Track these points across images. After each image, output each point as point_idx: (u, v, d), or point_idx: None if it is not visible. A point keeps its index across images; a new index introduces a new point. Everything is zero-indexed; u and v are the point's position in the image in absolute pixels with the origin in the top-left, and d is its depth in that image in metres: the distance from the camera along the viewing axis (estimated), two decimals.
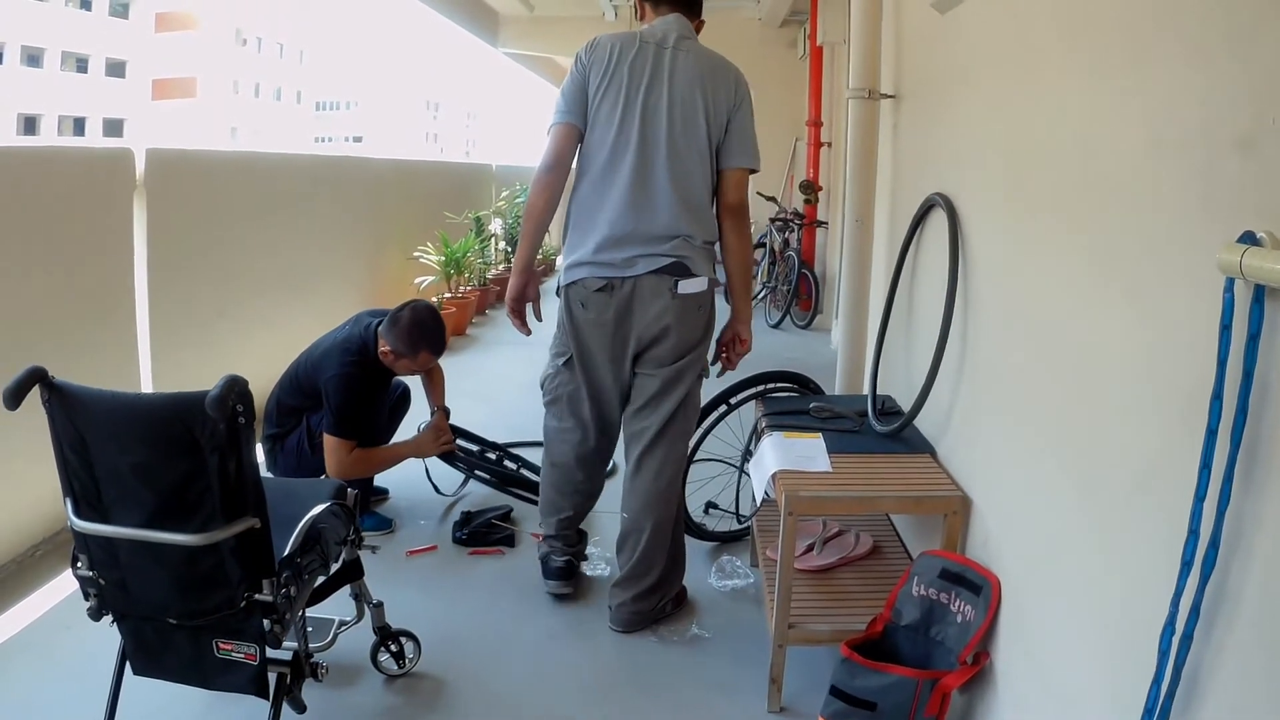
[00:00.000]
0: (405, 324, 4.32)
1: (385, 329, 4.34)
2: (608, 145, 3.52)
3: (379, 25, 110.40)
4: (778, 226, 11.49)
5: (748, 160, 3.64)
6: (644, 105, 3.51)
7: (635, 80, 3.51)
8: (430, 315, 4.43)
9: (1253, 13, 1.59)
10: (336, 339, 4.43)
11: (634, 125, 3.50)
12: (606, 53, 3.55)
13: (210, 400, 2.20)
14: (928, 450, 3.49)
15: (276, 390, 4.56)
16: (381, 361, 4.37)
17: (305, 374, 4.43)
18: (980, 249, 3.17)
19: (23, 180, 4.19)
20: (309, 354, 4.52)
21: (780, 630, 3.10)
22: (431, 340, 4.41)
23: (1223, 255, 1.50)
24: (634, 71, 3.52)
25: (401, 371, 4.52)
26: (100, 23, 55.92)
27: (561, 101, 3.58)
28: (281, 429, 4.50)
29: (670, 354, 3.59)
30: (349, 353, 4.31)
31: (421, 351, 4.37)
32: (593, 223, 3.57)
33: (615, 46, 3.55)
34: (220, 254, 5.95)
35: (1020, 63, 2.85)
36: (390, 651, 3.29)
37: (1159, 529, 1.80)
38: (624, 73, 3.52)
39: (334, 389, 4.22)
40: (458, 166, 14.36)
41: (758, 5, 12.66)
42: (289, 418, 4.48)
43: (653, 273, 3.49)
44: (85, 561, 2.53)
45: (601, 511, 4.19)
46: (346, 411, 4.24)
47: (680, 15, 3.65)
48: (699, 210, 3.57)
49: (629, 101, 3.51)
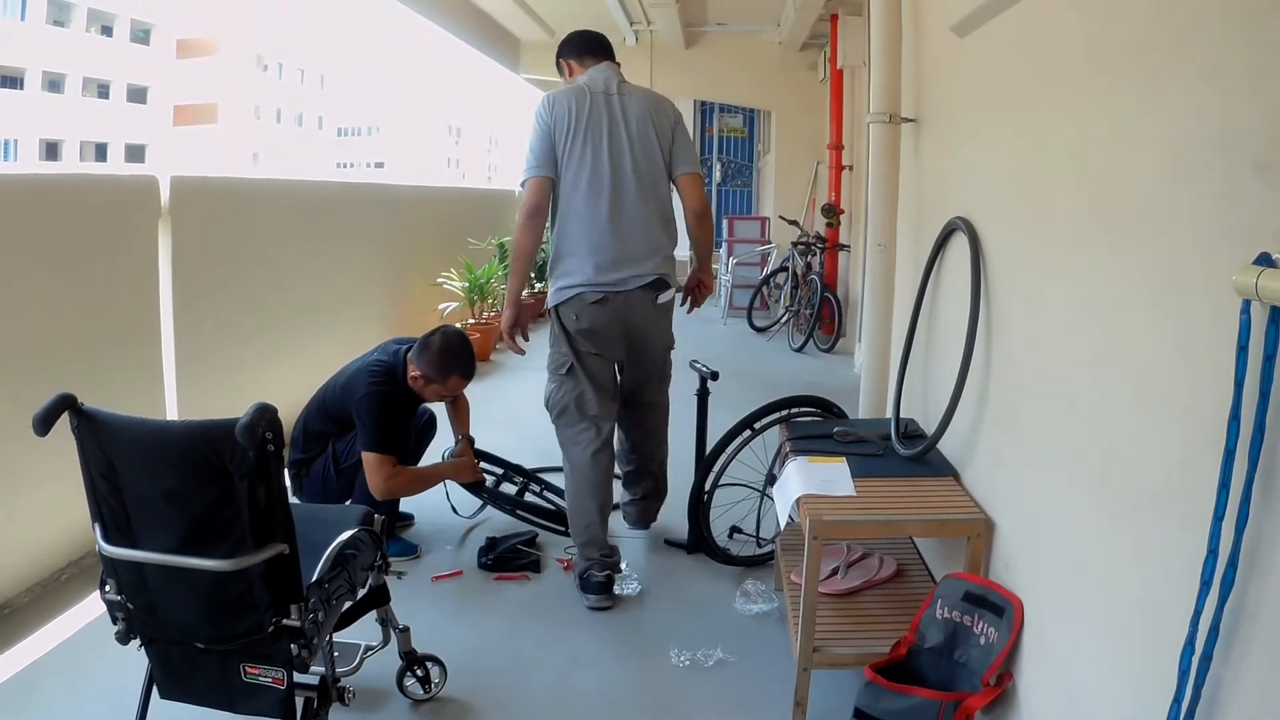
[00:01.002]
0: (436, 349, 4.35)
1: (415, 354, 4.36)
2: (583, 186, 4.15)
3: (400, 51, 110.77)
4: (800, 250, 11.47)
5: (693, 165, 4.46)
6: (610, 146, 4.17)
7: (596, 127, 4.17)
8: (460, 340, 4.47)
9: (1270, 37, 1.61)
10: (364, 364, 4.44)
11: (605, 165, 4.16)
12: (566, 109, 4.15)
13: (241, 428, 2.23)
14: (951, 473, 3.49)
15: (303, 416, 4.57)
16: (410, 387, 4.39)
17: (333, 399, 4.44)
18: (1002, 272, 3.18)
19: (50, 207, 4.25)
20: (335, 380, 4.54)
21: (805, 653, 3.10)
22: (462, 365, 4.43)
23: (1239, 277, 1.51)
24: (594, 119, 4.17)
25: (430, 397, 4.52)
26: (121, 49, 56.43)
27: (531, 157, 4.18)
28: (308, 455, 4.50)
29: (658, 345, 4.51)
30: (376, 375, 4.31)
31: (451, 376, 4.39)
32: (583, 251, 4.18)
33: (571, 101, 4.17)
34: (244, 280, 6.01)
35: (1040, 87, 2.87)
36: (416, 676, 3.30)
37: (1179, 549, 1.80)
38: (585, 122, 4.15)
39: (366, 408, 4.22)
40: (480, 192, 14.45)
41: (778, 29, 12.69)
42: (315, 443, 4.49)
43: (640, 287, 4.21)
44: (113, 586, 2.55)
45: (625, 536, 4.19)
46: (383, 428, 4.23)
47: (609, 63, 4.37)
48: (669, 221, 4.38)
49: (596, 146, 4.15)
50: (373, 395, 4.25)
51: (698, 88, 15.42)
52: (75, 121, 52.35)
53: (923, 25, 4.38)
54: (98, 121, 54.19)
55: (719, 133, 18.42)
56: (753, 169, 18.34)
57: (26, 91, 49.80)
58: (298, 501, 3.87)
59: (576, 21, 12.57)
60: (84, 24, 53.26)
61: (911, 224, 4.54)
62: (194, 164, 52.11)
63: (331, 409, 4.44)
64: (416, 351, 4.37)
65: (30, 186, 4.27)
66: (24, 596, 4.03)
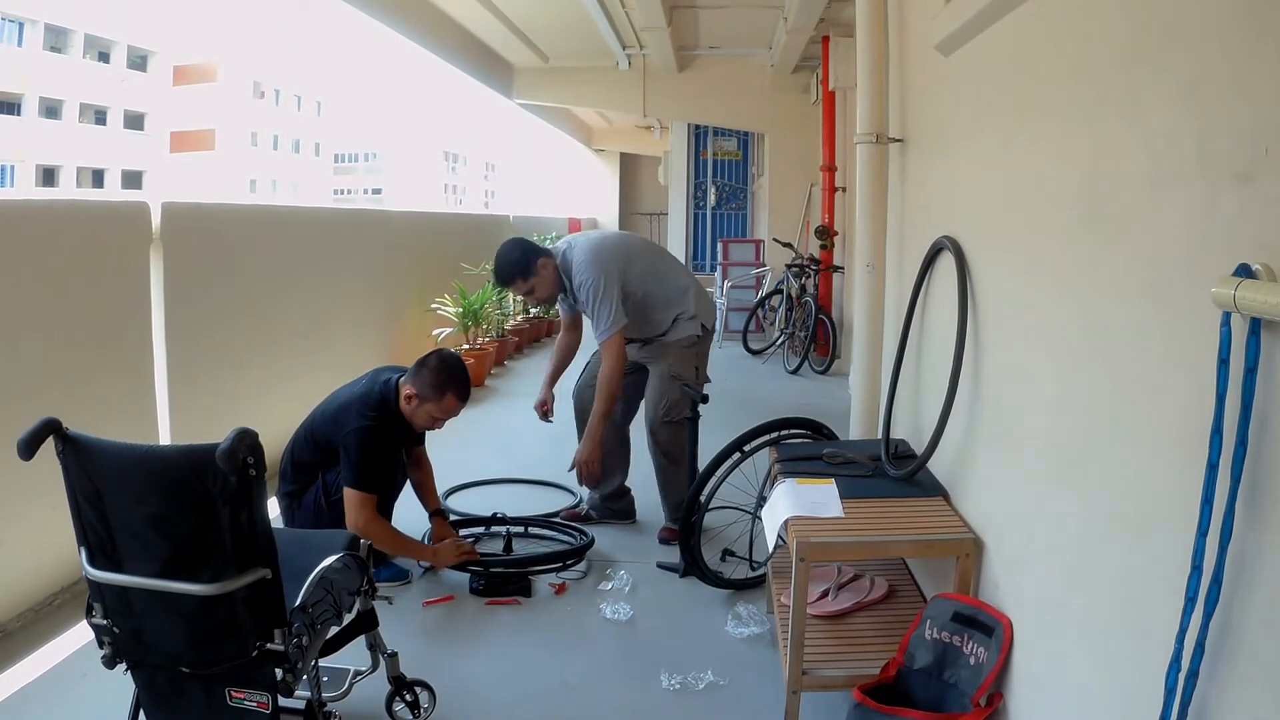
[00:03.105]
0: (432, 368, 4.33)
1: (410, 375, 4.34)
2: (659, 274, 5.10)
3: (397, 78, 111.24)
4: (794, 272, 11.51)
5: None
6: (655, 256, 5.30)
7: (636, 250, 5.18)
8: (457, 362, 4.46)
9: (1247, 50, 1.61)
10: (354, 393, 4.39)
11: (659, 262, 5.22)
12: (620, 257, 4.95)
13: (221, 453, 2.23)
14: (940, 493, 3.48)
15: (290, 447, 4.54)
16: (402, 414, 4.35)
17: (321, 430, 4.40)
18: (989, 291, 3.18)
19: (41, 233, 4.25)
20: (324, 408, 4.50)
21: (794, 676, 3.09)
22: (457, 385, 4.37)
23: (1218, 289, 1.51)
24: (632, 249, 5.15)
25: (422, 422, 4.43)
26: (119, 75, 56.58)
27: (613, 310, 4.81)
28: (297, 486, 4.47)
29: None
30: (369, 406, 4.27)
31: (447, 394, 4.33)
32: (684, 310, 5.06)
33: (619, 250, 5.03)
34: (237, 307, 6.00)
35: (1022, 103, 2.88)
36: (405, 701, 3.28)
37: (1165, 566, 1.79)
38: (626, 256, 5.00)
39: (354, 443, 4.18)
40: (475, 218, 14.46)
41: (770, 52, 12.73)
42: (304, 474, 4.46)
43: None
44: (100, 610, 2.55)
45: (619, 561, 4.17)
46: (367, 466, 4.19)
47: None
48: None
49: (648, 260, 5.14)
50: (362, 430, 4.20)
51: (691, 111, 15.48)
52: (73, 148, 52.45)
53: (908, 45, 4.39)
54: (95, 148, 54.30)
55: (713, 156, 18.43)
56: (747, 192, 18.36)
57: (24, 117, 49.93)
58: (283, 527, 3.84)
59: (569, 46, 12.54)
60: (81, 50, 53.43)
61: (900, 244, 4.55)
62: (191, 190, 52.29)
63: (320, 439, 4.39)
64: (412, 372, 4.35)
65: (23, 212, 4.28)
66: (15, 622, 4.01)
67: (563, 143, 23.56)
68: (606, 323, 4.80)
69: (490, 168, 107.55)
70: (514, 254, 4.98)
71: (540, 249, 5.04)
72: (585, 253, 4.91)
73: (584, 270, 4.86)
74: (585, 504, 5.42)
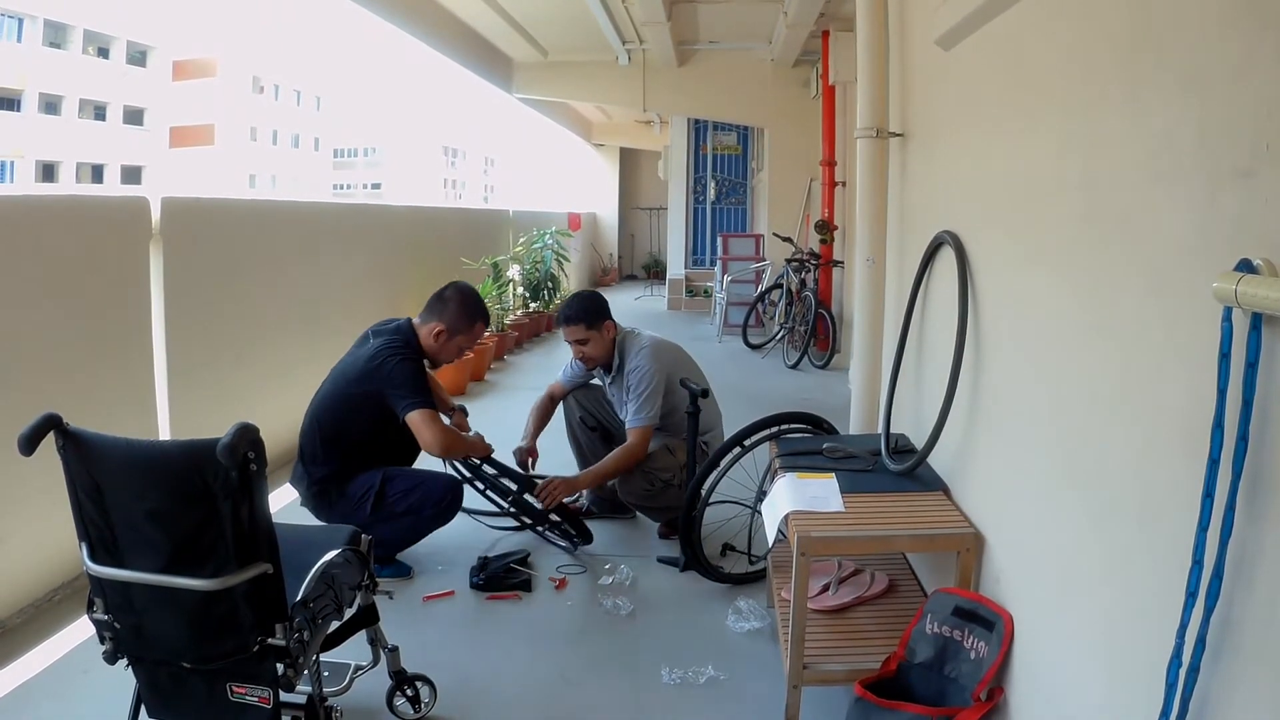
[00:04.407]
0: (459, 300, 4.46)
1: (433, 313, 4.44)
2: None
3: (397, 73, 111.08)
4: (794, 267, 11.51)
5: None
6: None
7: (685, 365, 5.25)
8: (473, 290, 4.61)
9: (1247, 44, 1.61)
10: (377, 345, 4.38)
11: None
12: (678, 366, 5.13)
13: (222, 448, 2.23)
14: (940, 488, 3.48)
15: (315, 426, 4.47)
16: (427, 352, 4.44)
17: (359, 388, 4.34)
18: (989, 285, 3.18)
19: (41, 229, 4.25)
20: (345, 375, 4.45)
21: (795, 671, 3.09)
22: (484, 313, 4.58)
23: (1219, 284, 1.51)
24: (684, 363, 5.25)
25: (449, 356, 4.55)
26: (118, 71, 56.54)
27: (655, 409, 4.93)
28: (332, 469, 4.42)
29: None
30: (396, 345, 4.34)
31: (477, 323, 4.50)
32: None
33: (678, 359, 5.20)
34: (237, 301, 6.00)
35: (1023, 98, 2.87)
36: (406, 696, 3.28)
37: (1166, 561, 1.79)
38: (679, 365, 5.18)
39: (402, 372, 4.25)
40: (474, 213, 14.45)
41: (770, 46, 12.73)
42: (339, 452, 4.41)
43: None
44: (101, 605, 2.55)
45: (619, 555, 4.17)
46: (422, 385, 4.27)
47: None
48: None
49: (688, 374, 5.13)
50: (405, 360, 4.29)
51: (690, 106, 15.47)
52: (72, 143, 52.42)
53: (908, 39, 4.39)
54: (94, 143, 54.25)
55: (713, 151, 18.41)
56: (747, 186, 18.34)
57: (24, 113, 49.89)
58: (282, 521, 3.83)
59: (569, 41, 12.50)
60: (81, 46, 53.37)
61: (900, 238, 4.55)
62: (191, 185, 52.24)
63: (361, 397, 4.33)
64: (434, 310, 4.44)
65: (21, 208, 4.28)
66: (17, 618, 4.01)
67: (562, 137, 23.52)
68: (646, 415, 4.92)
69: (490, 162, 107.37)
70: (595, 303, 5.15)
71: (611, 317, 5.16)
72: (650, 345, 5.09)
73: (646, 361, 4.99)
74: (584, 499, 5.42)
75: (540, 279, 13.03)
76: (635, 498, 5.01)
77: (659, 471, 4.92)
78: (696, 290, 17.13)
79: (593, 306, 5.09)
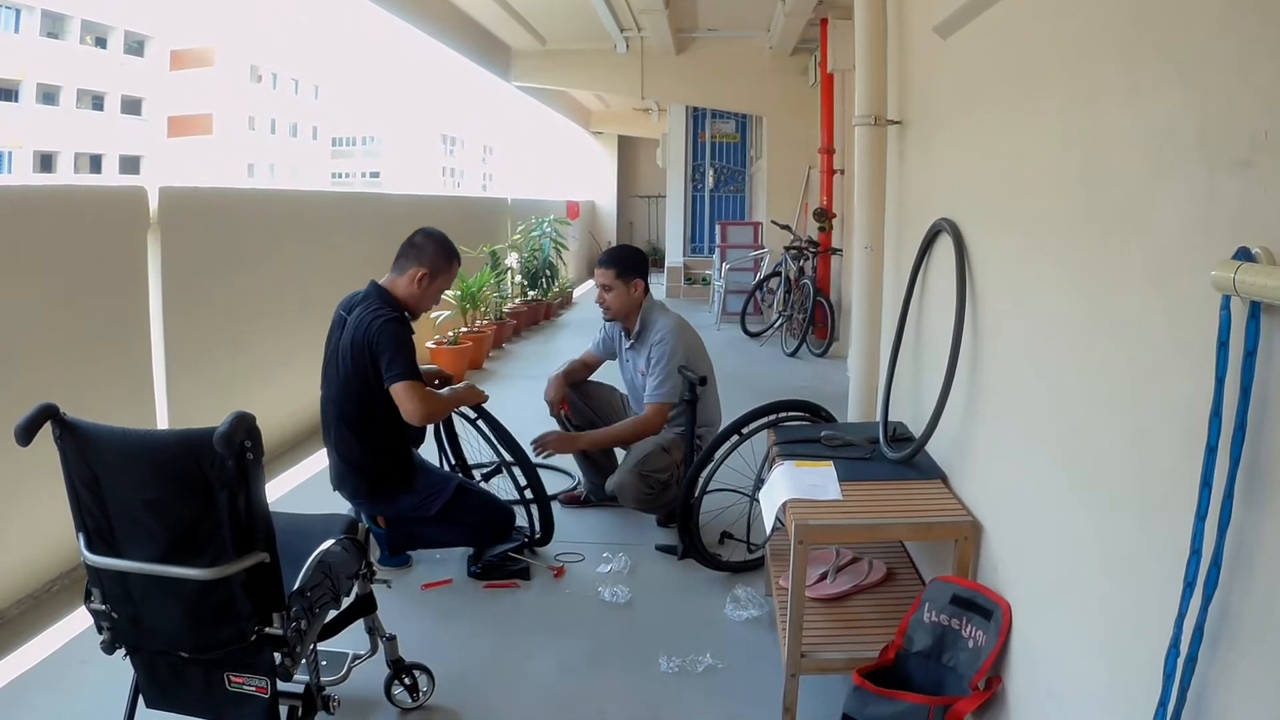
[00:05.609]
0: (432, 241, 4.46)
1: (407, 259, 4.43)
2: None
3: (395, 62, 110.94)
4: (793, 255, 11.50)
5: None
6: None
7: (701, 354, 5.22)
8: (440, 231, 4.58)
9: (1247, 35, 1.60)
10: (359, 316, 4.28)
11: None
12: (693, 351, 5.08)
13: (218, 437, 2.23)
14: (939, 476, 3.48)
15: (338, 414, 4.34)
16: (408, 304, 4.38)
17: (362, 358, 4.20)
18: (987, 273, 3.17)
19: (39, 218, 4.25)
20: (343, 363, 4.30)
21: (792, 659, 3.08)
22: (456, 250, 4.55)
23: (1217, 272, 1.51)
24: (700, 352, 5.21)
25: (430, 302, 4.49)
26: (116, 60, 56.48)
27: (675, 383, 4.90)
28: (375, 458, 4.34)
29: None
30: (376, 308, 4.26)
31: (454, 261, 4.50)
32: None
33: (695, 343, 5.16)
34: (235, 290, 6.00)
35: (1021, 86, 2.86)
36: (404, 685, 3.29)
37: (1165, 550, 1.79)
38: (695, 350, 5.16)
39: (387, 335, 4.14)
40: (473, 201, 14.42)
41: (768, 34, 12.70)
42: (373, 437, 4.32)
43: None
44: (98, 595, 2.55)
45: (618, 544, 4.17)
46: (409, 353, 4.18)
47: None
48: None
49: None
50: (389, 321, 4.19)
51: (689, 94, 15.45)
52: (70, 133, 52.36)
53: (907, 27, 4.37)
54: (92, 133, 54.20)
55: (711, 138, 18.38)
56: (745, 174, 18.32)
57: (21, 103, 49.82)
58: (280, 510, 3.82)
59: (567, 29, 12.44)
60: (78, 36, 53.30)
61: (898, 226, 4.54)
62: (189, 174, 52.16)
63: (366, 374, 4.20)
64: (407, 258, 4.43)
65: (19, 198, 4.28)
66: (15, 608, 4.02)
67: (561, 126, 23.46)
68: (665, 389, 4.94)
69: (488, 151, 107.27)
70: (634, 258, 5.24)
71: (645, 279, 5.22)
72: (675, 323, 5.11)
73: (669, 336, 5.01)
74: (583, 486, 5.42)
75: (538, 267, 13.03)
76: (635, 502, 4.98)
77: (656, 473, 4.90)
78: (695, 278, 17.09)
79: (631, 260, 5.16)
